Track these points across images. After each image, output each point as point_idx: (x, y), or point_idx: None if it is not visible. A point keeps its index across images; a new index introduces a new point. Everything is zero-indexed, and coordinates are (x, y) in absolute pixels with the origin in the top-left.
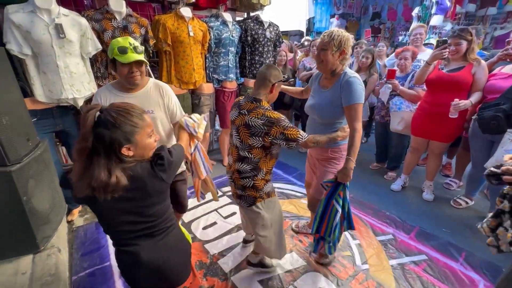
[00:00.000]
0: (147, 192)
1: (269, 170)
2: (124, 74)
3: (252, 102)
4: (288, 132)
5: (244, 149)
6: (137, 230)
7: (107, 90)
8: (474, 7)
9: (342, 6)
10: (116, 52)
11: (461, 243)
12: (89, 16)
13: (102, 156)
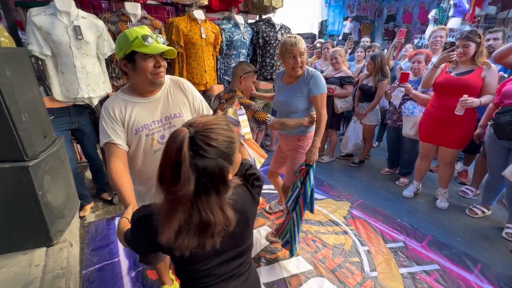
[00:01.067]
0: (247, 222)
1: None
2: (149, 70)
3: (229, 93)
4: (258, 115)
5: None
6: (229, 271)
7: (120, 99)
8: (494, 9)
9: (355, 9)
10: (140, 41)
11: (477, 254)
12: (106, 19)
13: (213, 194)
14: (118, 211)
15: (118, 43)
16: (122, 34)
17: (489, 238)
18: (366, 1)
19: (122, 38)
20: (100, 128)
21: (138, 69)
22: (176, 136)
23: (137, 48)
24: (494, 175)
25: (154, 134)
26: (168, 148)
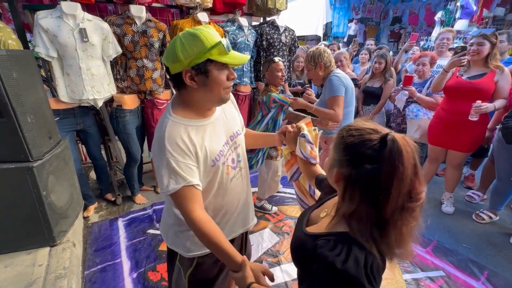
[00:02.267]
0: None
1: None
2: (223, 84)
3: (264, 90)
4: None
5: None
6: None
7: (181, 126)
8: (503, 11)
9: (361, 11)
10: (222, 48)
11: (484, 260)
12: (111, 21)
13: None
14: (121, 212)
15: (182, 49)
16: (187, 37)
17: (496, 244)
18: (371, 3)
19: (190, 42)
20: (167, 169)
21: (211, 83)
22: (396, 140)
23: (215, 56)
24: (502, 180)
25: (228, 160)
26: (404, 153)
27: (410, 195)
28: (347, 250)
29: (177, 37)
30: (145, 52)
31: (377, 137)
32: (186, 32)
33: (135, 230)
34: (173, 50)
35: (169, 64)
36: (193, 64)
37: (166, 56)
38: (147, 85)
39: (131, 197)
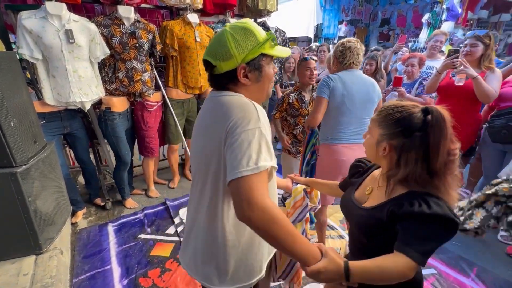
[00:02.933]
0: None
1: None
2: (272, 77)
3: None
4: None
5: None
6: None
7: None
8: (486, 13)
9: (350, 13)
10: (271, 42)
11: (473, 257)
12: (99, 22)
13: None
14: (111, 217)
15: (236, 44)
16: (239, 31)
17: (484, 241)
18: (360, 5)
19: (243, 37)
20: (260, 141)
21: (263, 79)
22: (437, 109)
23: (268, 50)
24: (489, 177)
25: None
26: (446, 118)
27: (449, 151)
28: (423, 200)
29: (225, 32)
30: (134, 53)
31: (419, 110)
32: (236, 27)
33: (126, 235)
34: (224, 47)
35: (218, 62)
36: (248, 60)
37: (213, 54)
38: (137, 87)
39: (121, 201)
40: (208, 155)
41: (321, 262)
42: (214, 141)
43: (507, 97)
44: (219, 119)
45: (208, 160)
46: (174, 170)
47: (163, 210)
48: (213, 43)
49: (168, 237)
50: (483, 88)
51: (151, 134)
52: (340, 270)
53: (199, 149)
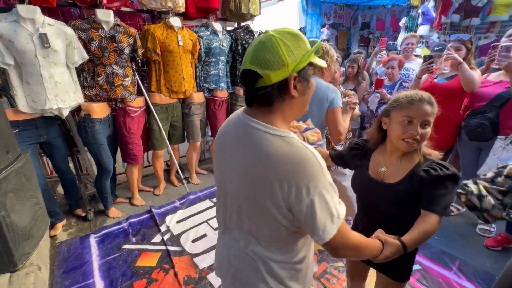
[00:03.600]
0: None
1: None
2: (315, 88)
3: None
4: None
5: None
6: None
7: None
8: (458, 18)
9: (332, 17)
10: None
11: (455, 251)
12: (76, 26)
13: None
14: (93, 228)
15: (288, 51)
16: (289, 37)
17: (464, 235)
18: (341, 9)
19: (294, 43)
20: (326, 201)
21: (310, 90)
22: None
23: (314, 59)
24: (467, 173)
25: None
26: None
27: None
28: (438, 164)
29: (274, 38)
30: (114, 58)
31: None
32: (283, 32)
33: (109, 246)
34: (275, 54)
35: (266, 72)
36: (298, 69)
37: (261, 63)
38: (118, 93)
39: (104, 211)
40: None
41: (386, 250)
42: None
43: (481, 97)
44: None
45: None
46: (160, 177)
47: (148, 218)
48: (258, 50)
49: (154, 246)
50: (468, 74)
51: (134, 140)
52: (399, 248)
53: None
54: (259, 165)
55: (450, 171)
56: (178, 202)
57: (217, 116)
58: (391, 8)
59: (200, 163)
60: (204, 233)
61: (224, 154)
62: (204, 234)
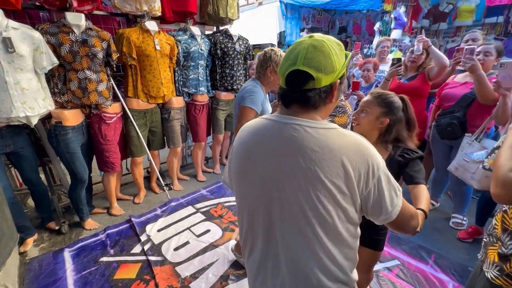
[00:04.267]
0: None
1: None
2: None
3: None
4: None
5: None
6: None
7: None
8: (428, 22)
9: (310, 21)
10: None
11: (430, 245)
12: (44, 30)
13: None
14: (68, 241)
15: (337, 58)
16: (334, 44)
17: (439, 229)
18: (319, 14)
19: (339, 51)
20: (390, 181)
21: (338, 97)
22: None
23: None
24: (440, 170)
25: None
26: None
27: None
28: (410, 150)
29: (326, 43)
30: (87, 63)
31: (398, 98)
32: (331, 39)
33: (85, 260)
34: (329, 58)
35: (320, 75)
36: (339, 76)
37: (316, 66)
38: (92, 99)
39: (79, 223)
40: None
41: (420, 220)
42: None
43: (449, 97)
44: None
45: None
46: (139, 184)
47: (127, 228)
48: (311, 53)
49: (133, 257)
50: (438, 53)
51: (111, 147)
52: (423, 216)
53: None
54: (325, 162)
55: (419, 153)
56: (159, 210)
57: (198, 120)
58: (366, 13)
59: (182, 169)
60: (187, 241)
61: (257, 164)
62: (187, 241)
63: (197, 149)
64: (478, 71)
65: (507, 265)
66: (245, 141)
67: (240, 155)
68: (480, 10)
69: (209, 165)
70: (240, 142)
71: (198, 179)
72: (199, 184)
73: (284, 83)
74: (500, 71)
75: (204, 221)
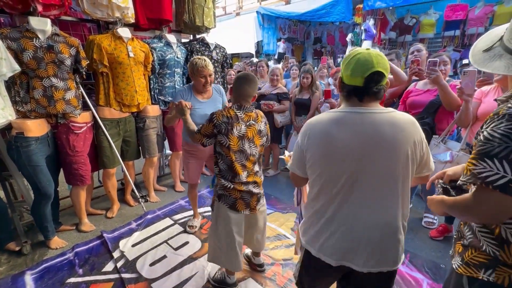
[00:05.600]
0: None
1: None
2: None
3: (252, 111)
4: (267, 128)
5: (257, 152)
6: None
7: None
8: (395, 34)
9: (287, 31)
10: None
11: (405, 245)
12: (4, 35)
13: None
14: (30, 263)
15: (388, 65)
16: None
17: (413, 228)
18: (295, 25)
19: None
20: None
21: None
22: None
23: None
24: None
25: None
26: None
27: None
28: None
29: (382, 53)
30: (53, 70)
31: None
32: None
33: (50, 282)
34: (387, 65)
35: (387, 76)
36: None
37: (386, 69)
38: (58, 107)
39: (44, 242)
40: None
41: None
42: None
43: (416, 104)
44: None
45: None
46: (112, 197)
47: (98, 244)
48: (380, 59)
49: (105, 275)
50: (397, 69)
51: (80, 159)
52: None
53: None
54: (398, 136)
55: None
56: (134, 224)
57: (175, 129)
58: (339, 25)
59: (158, 180)
60: (164, 255)
61: (343, 146)
62: (164, 255)
63: (174, 159)
64: (442, 81)
65: (466, 254)
66: (326, 130)
67: (323, 141)
68: (440, 24)
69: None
70: (318, 132)
71: (176, 189)
72: (177, 194)
73: (363, 82)
74: (463, 78)
75: (182, 233)
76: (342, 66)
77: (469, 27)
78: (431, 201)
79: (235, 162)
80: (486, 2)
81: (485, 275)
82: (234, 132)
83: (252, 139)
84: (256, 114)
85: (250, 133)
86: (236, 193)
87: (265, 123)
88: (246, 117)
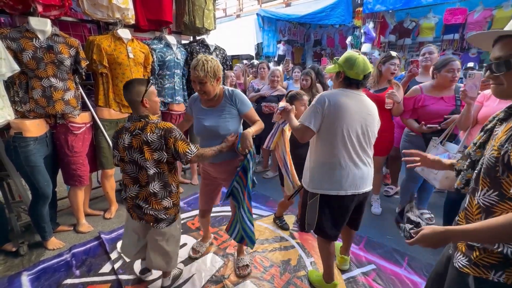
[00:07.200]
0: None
1: (178, 184)
2: None
3: (139, 120)
4: (179, 144)
5: (152, 167)
6: None
7: None
8: (394, 38)
9: (287, 34)
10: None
11: (403, 248)
12: (3, 35)
13: None
14: (27, 264)
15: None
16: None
17: None
18: (295, 27)
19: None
20: None
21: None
22: None
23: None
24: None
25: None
26: None
27: None
28: None
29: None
30: (52, 70)
31: None
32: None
33: (46, 283)
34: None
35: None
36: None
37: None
38: (57, 108)
39: (41, 242)
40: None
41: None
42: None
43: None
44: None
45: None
46: (111, 198)
47: (96, 246)
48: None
49: (102, 277)
50: (399, 107)
51: (79, 160)
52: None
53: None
54: (373, 110)
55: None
56: None
57: None
58: (339, 27)
59: None
60: None
61: (351, 113)
62: None
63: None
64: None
65: (474, 254)
66: (342, 100)
67: (343, 106)
68: (439, 27)
69: (186, 176)
70: (337, 100)
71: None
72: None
73: (362, 77)
74: (468, 81)
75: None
76: (344, 64)
77: (468, 31)
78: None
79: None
80: (485, 6)
81: (495, 276)
82: (122, 142)
83: (140, 149)
84: (144, 123)
85: (135, 143)
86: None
87: (159, 135)
88: (133, 126)
